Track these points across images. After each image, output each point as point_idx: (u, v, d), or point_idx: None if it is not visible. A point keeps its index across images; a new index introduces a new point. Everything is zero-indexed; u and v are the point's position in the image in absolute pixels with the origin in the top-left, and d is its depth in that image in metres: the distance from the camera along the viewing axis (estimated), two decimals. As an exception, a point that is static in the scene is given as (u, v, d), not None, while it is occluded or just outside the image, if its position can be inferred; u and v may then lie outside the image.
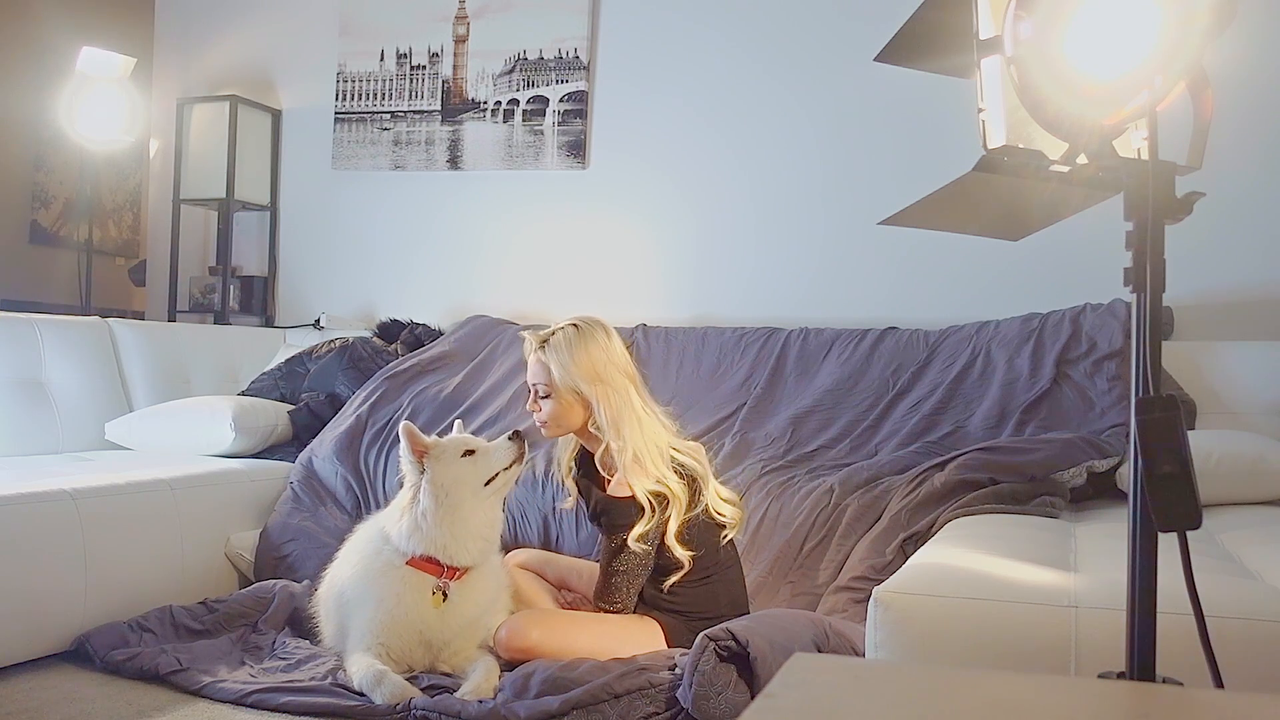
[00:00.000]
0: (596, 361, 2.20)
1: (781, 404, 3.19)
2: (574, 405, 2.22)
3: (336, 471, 3.13)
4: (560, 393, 2.21)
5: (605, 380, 2.19)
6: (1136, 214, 1.03)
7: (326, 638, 2.36)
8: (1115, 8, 1.00)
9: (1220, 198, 1.70)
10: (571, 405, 2.22)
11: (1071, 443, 2.58)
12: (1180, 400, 2.78)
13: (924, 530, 2.35)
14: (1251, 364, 2.97)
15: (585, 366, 2.19)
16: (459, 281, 4.12)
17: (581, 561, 2.60)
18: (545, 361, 2.23)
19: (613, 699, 1.97)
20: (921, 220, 1.26)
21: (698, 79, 3.83)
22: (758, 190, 3.76)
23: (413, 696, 2.02)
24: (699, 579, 2.27)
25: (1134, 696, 0.88)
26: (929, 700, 0.80)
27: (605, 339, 2.24)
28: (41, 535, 2.31)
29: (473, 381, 3.48)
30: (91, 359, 3.42)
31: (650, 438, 2.20)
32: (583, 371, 2.19)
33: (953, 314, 3.38)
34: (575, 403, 2.22)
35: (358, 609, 2.23)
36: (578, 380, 2.19)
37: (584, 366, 2.19)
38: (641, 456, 2.17)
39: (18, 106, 4.01)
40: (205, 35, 4.53)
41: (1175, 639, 1.09)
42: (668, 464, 2.21)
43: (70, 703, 2.07)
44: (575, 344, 2.21)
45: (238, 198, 4.22)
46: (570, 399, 2.22)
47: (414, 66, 4.21)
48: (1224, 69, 1.21)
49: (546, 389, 2.23)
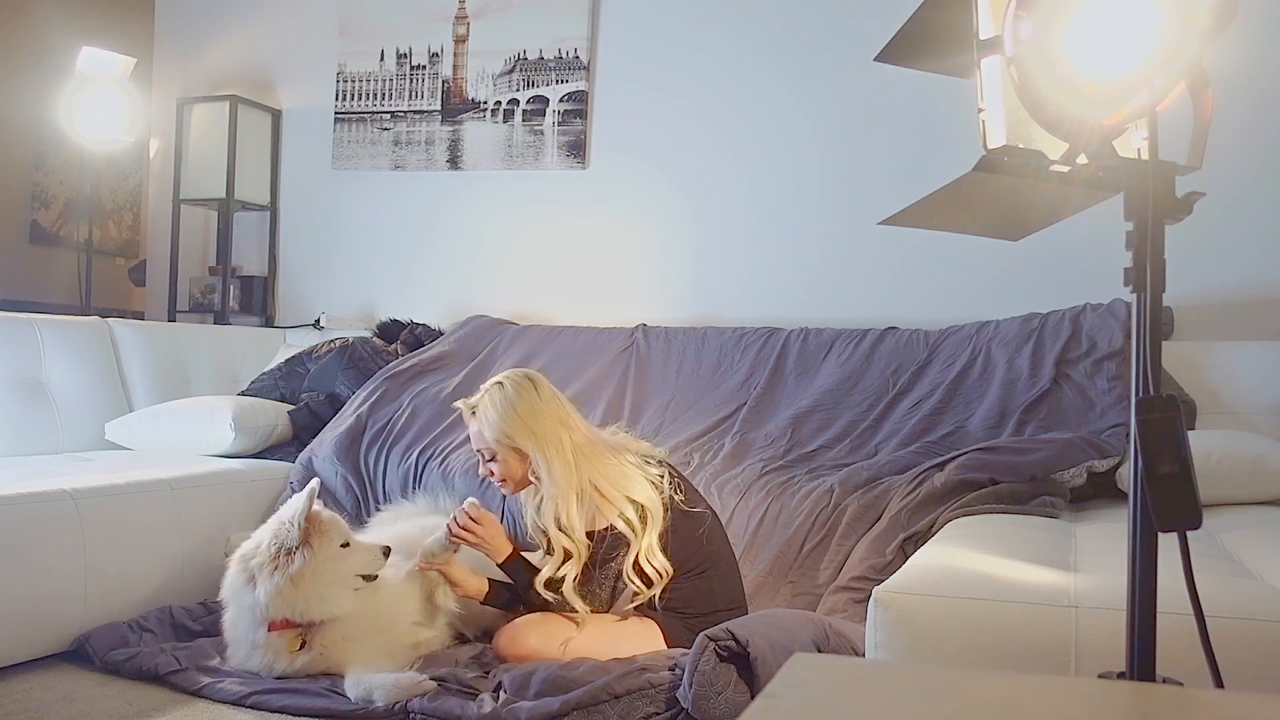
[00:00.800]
0: (525, 416, 2.23)
1: (781, 404, 3.19)
2: (514, 460, 2.26)
3: (336, 471, 3.13)
4: (499, 452, 2.26)
5: (537, 433, 2.22)
6: (1136, 214, 1.03)
7: None
8: (1115, 8, 1.00)
9: (1220, 198, 1.70)
10: (513, 462, 2.26)
11: (1071, 443, 2.58)
12: (1180, 400, 2.78)
13: (924, 530, 2.35)
14: (1251, 364, 2.97)
15: (514, 424, 2.23)
16: (459, 281, 4.12)
17: None
18: (478, 425, 2.28)
19: (613, 699, 1.97)
20: (921, 220, 1.26)
21: (698, 79, 3.83)
22: (758, 190, 3.76)
23: (413, 694, 2.02)
24: (692, 573, 2.28)
25: (1134, 696, 0.88)
26: (929, 700, 0.80)
27: (532, 391, 2.27)
28: (41, 535, 2.31)
29: (473, 381, 3.46)
30: (91, 359, 3.42)
31: (611, 464, 2.24)
32: (513, 429, 2.23)
33: (953, 314, 3.38)
34: (514, 458, 2.26)
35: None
36: (511, 437, 2.23)
37: (513, 424, 2.23)
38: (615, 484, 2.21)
39: (18, 106, 4.01)
40: (205, 35, 4.53)
41: (1175, 639, 1.09)
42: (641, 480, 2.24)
43: (70, 703, 2.07)
44: (500, 405, 2.25)
45: (238, 198, 4.22)
46: (510, 456, 2.26)
47: (414, 66, 4.21)
48: (1224, 69, 1.21)
49: (489, 451, 2.28)
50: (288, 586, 2.14)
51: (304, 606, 2.15)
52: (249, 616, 2.20)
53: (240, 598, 2.20)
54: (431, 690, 2.05)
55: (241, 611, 2.22)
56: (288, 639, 2.18)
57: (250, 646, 2.21)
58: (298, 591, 2.15)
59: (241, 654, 2.23)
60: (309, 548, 2.17)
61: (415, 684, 2.04)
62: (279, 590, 2.14)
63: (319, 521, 2.22)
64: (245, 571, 2.20)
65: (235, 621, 2.25)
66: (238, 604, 2.22)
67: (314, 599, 2.16)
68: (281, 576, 2.14)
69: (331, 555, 2.20)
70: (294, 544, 2.16)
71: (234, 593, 2.22)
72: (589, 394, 3.35)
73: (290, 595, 2.14)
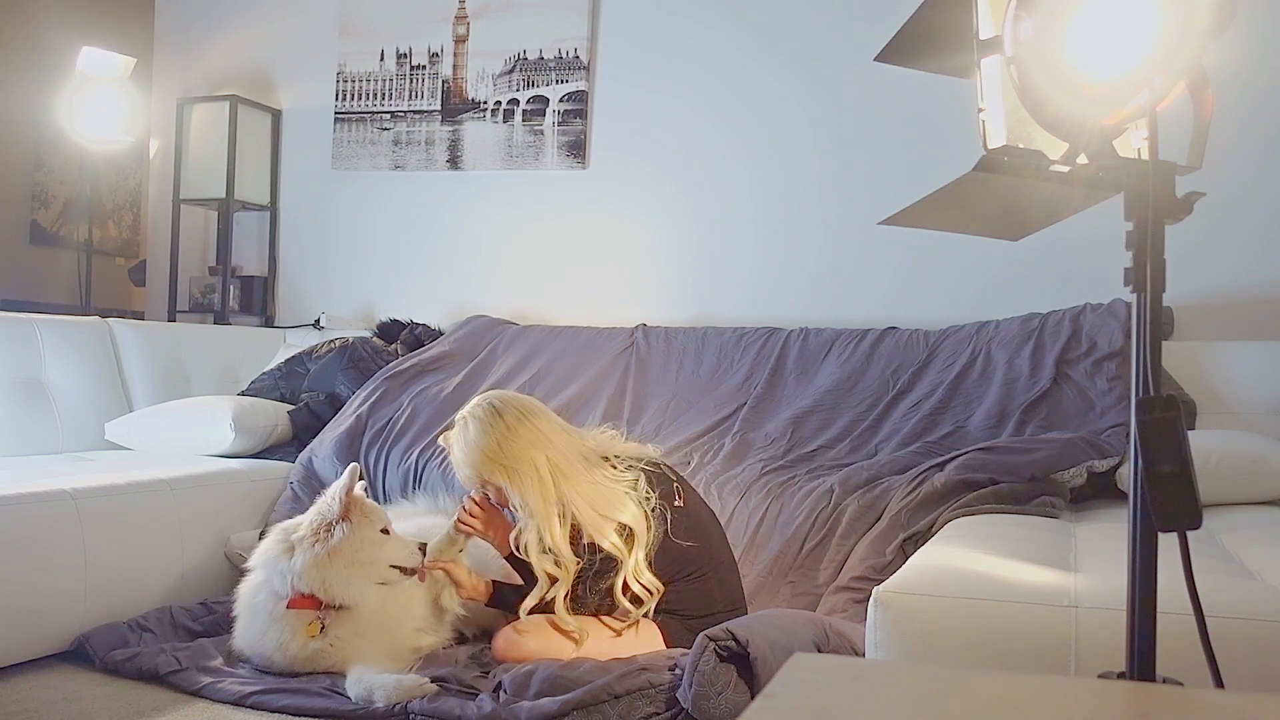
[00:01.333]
0: (489, 452, 2.18)
1: (781, 404, 3.19)
2: (496, 492, 2.24)
3: (336, 471, 3.12)
4: (477, 486, 2.26)
5: (505, 464, 2.17)
6: (1136, 214, 1.03)
7: None
8: (1115, 8, 1.00)
9: (1220, 198, 1.70)
10: (494, 493, 2.25)
11: (1071, 443, 2.58)
12: (1180, 400, 2.78)
13: (924, 530, 2.35)
14: (1251, 364, 2.97)
15: (480, 459, 2.19)
16: (459, 281, 4.12)
17: None
18: (455, 465, 2.28)
19: (613, 699, 1.97)
20: (921, 220, 1.26)
21: (698, 79, 3.83)
22: (758, 190, 3.76)
23: (414, 696, 2.02)
24: (690, 577, 2.28)
25: (1134, 696, 0.88)
26: (929, 700, 0.80)
27: (497, 422, 2.20)
28: (41, 535, 2.31)
29: (473, 381, 3.48)
30: (91, 359, 3.42)
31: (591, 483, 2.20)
32: (480, 465, 2.20)
33: (953, 314, 3.38)
34: (494, 490, 2.24)
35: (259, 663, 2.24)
36: (480, 473, 2.21)
37: (479, 460, 2.20)
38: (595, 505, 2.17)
39: (18, 106, 4.01)
40: (205, 35, 4.53)
41: (1175, 639, 1.09)
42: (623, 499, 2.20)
43: (70, 703, 2.07)
44: (465, 444, 2.21)
45: (238, 198, 4.22)
46: (488, 489, 2.25)
47: (414, 66, 4.21)
48: (1224, 69, 1.21)
49: (479, 492, 2.28)
50: (325, 558, 2.16)
51: (334, 583, 2.17)
52: (273, 587, 2.20)
53: (273, 564, 2.20)
54: (432, 692, 2.05)
55: (269, 579, 2.21)
56: (305, 620, 2.18)
57: (267, 621, 2.20)
58: (332, 565, 2.17)
59: (255, 630, 2.21)
60: (349, 524, 2.20)
61: (417, 686, 2.04)
62: (316, 559, 2.16)
63: (361, 503, 2.25)
64: (285, 541, 2.22)
65: (256, 590, 2.24)
66: (267, 570, 2.21)
67: (344, 578, 2.18)
68: (322, 548, 2.17)
69: (370, 538, 2.22)
70: (335, 518, 2.19)
71: (267, 560, 2.22)
72: (589, 394, 3.35)
73: (325, 567, 2.16)
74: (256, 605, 2.24)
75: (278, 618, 2.20)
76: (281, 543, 2.23)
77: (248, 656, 2.27)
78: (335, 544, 2.18)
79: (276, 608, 2.20)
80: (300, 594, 2.18)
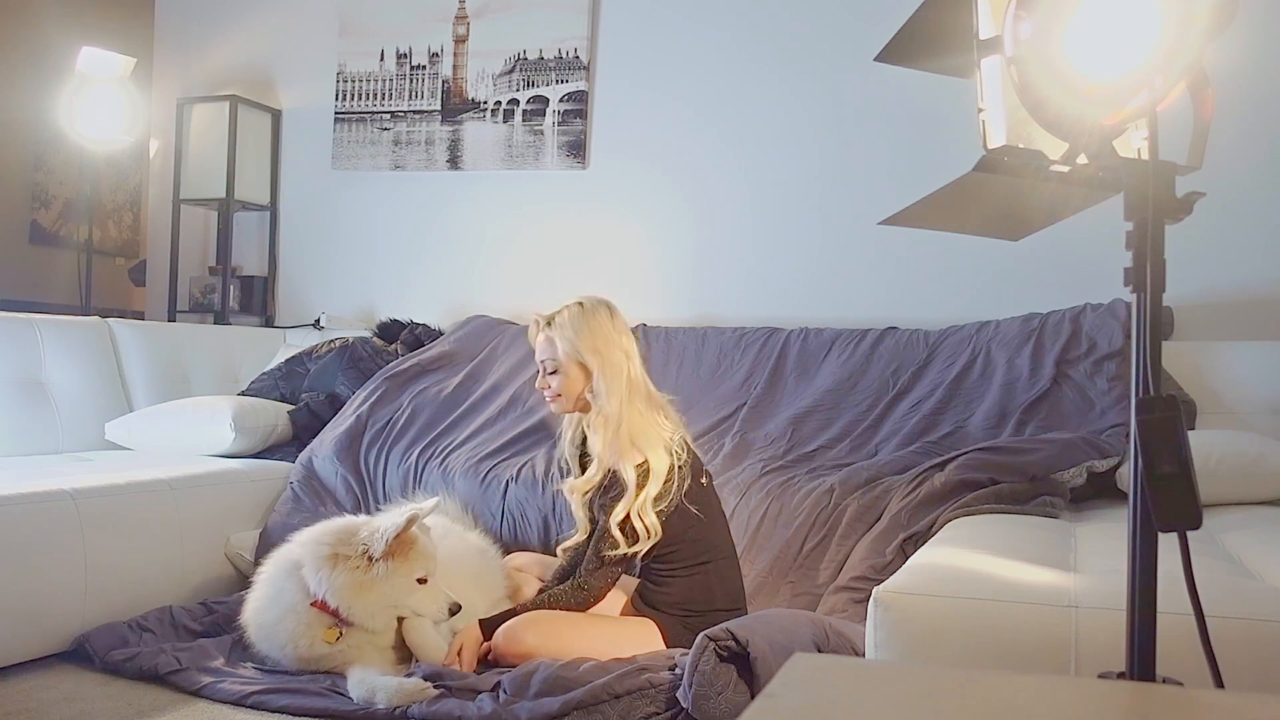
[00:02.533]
0: (597, 336, 2.32)
1: (781, 404, 3.19)
2: (577, 377, 2.33)
3: (336, 471, 3.13)
4: (564, 365, 2.32)
5: (603, 354, 2.30)
6: (1136, 214, 1.03)
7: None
8: (1115, 8, 1.00)
9: (1220, 198, 1.70)
10: (575, 377, 2.33)
11: (1071, 443, 2.58)
12: (1180, 400, 2.78)
13: (924, 530, 2.35)
14: (1251, 364, 2.97)
15: (586, 340, 2.31)
16: (459, 281, 4.12)
17: None
18: (551, 337, 2.35)
19: (613, 699, 1.97)
20: (921, 220, 1.26)
21: (698, 79, 3.83)
22: (758, 190, 3.76)
23: (414, 700, 2.02)
24: (690, 566, 2.29)
25: (1134, 696, 0.88)
26: (929, 700, 0.80)
27: (608, 316, 2.36)
28: (41, 535, 2.31)
29: (473, 382, 3.48)
30: (91, 359, 3.42)
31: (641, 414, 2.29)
32: (584, 344, 2.30)
33: (953, 314, 3.38)
34: (579, 374, 2.32)
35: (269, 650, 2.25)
36: (580, 352, 2.30)
37: (585, 340, 2.31)
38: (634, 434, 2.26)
39: (18, 106, 4.01)
40: (205, 35, 4.53)
41: (1175, 639, 1.09)
42: (659, 442, 2.27)
43: (70, 703, 2.07)
44: (578, 319, 2.33)
45: (238, 198, 4.22)
46: (574, 371, 2.32)
47: (414, 66, 4.21)
48: (1224, 69, 1.21)
49: (553, 364, 2.34)
50: (357, 586, 2.16)
51: (358, 610, 2.18)
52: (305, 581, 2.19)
53: (316, 563, 2.19)
54: (432, 696, 2.04)
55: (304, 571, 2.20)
56: (325, 622, 2.19)
57: (288, 607, 2.20)
58: (361, 596, 2.17)
59: (273, 612, 2.22)
60: (389, 563, 2.18)
61: (419, 690, 2.03)
62: (351, 583, 2.16)
63: (409, 546, 2.21)
64: (339, 544, 2.20)
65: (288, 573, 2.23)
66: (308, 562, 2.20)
67: (370, 612, 2.19)
68: (360, 575, 2.17)
69: (404, 586, 2.20)
70: (378, 555, 2.18)
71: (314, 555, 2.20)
72: (589, 394, 3.35)
73: (355, 593, 2.17)
74: (283, 589, 2.23)
75: (300, 610, 2.20)
76: (336, 542, 2.21)
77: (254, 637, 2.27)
78: (371, 578, 2.17)
79: (302, 601, 2.20)
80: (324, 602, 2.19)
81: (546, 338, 2.36)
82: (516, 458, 3.02)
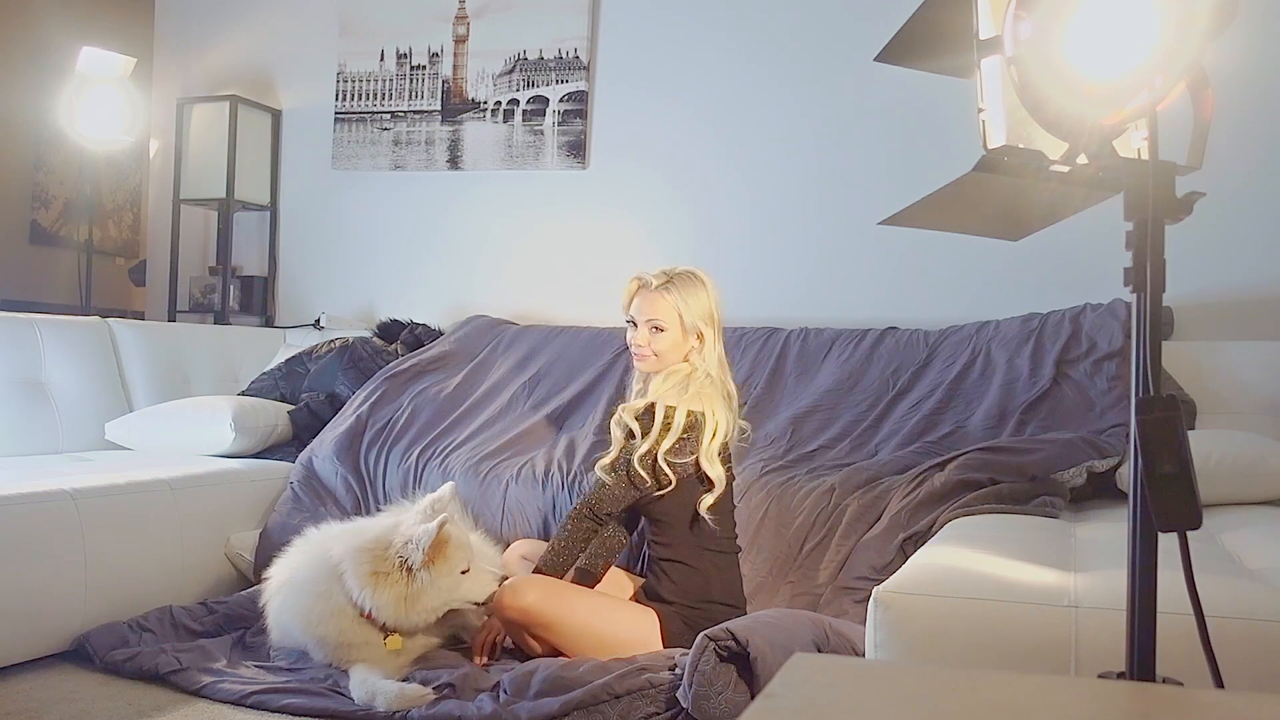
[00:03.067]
0: (714, 304, 2.41)
1: (781, 404, 3.19)
2: (681, 341, 2.38)
3: (336, 471, 3.13)
4: (676, 327, 2.37)
5: (715, 324, 2.40)
6: (1136, 214, 1.03)
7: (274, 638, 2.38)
8: (1115, 8, 1.00)
9: (1220, 198, 1.70)
10: (679, 341, 2.38)
11: (1071, 443, 2.58)
12: (1180, 400, 2.78)
13: (924, 530, 2.35)
14: (1251, 364, 2.97)
15: (706, 308, 2.39)
16: (459, 281, 4.12)
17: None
18: (670, 299, 2.38)
19: (613, 699, 1.97)
20: (921, 220, 1.26)
21: (698, 79, 3.83)
22: (758, 190, 3.76)
23: (414, 705, 2.01)
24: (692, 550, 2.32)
25: (1134, 696, 0.88)
26: (929, 700, 0.80)
27: (714, 289, 2.44)
28: (41, 535, 2.31)
29: (473, 382, 3.48)
30: (91, 359, 3.42)
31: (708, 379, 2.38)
32: (703, 312, 2.38)
33: (953, 314, 3.38)
34: (683, 339, 2.38)
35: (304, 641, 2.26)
36: (698, 319, 2.37)
37: (705, 307, 2.38)
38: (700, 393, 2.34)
39: (18, 106, 4.01)
40: (205, 35, 4.53)
41: (1175, 639, 1.09)
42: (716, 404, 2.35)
43: (70, 703, 2.07)
44: (699, 288, 2.39)
45: (238, 198, 4.22)
46: (680, 336, 2.38)
47: (414, 66, 4.21)
48: (1224, 69, 1.21)
49: (663, 324, 2.37)
50: (405, 603, 2.18)
51: (408, 622, 2.20)
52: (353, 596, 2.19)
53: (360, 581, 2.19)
54: (431, 699, 2.04)
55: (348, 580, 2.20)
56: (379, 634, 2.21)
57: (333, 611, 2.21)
58: (410, 610, 2.19)
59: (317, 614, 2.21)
60: (430, 570, 2.19)
61: (418, 695, 2.04)
62: (397, 600, 2.17)
63: (445, 545, 2.22)
64: (372, 564, 2.19)
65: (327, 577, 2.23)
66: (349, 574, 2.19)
67: (421, 619, 2.21)
68: (403, 588, 2.18)
69: (449, 584, 2.22)
70: (417, 566, 2.18)
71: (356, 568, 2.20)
72: (589, 394, 3.35)
73: (402, 611, 2.18)
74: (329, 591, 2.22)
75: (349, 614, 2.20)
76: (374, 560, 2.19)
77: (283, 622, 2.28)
78: (417, 590, 2.18)
79: (349, 608, 2.20)
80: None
81: (664, 298, 2.37)
82: (516, 458, 3.02)
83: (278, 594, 2.34)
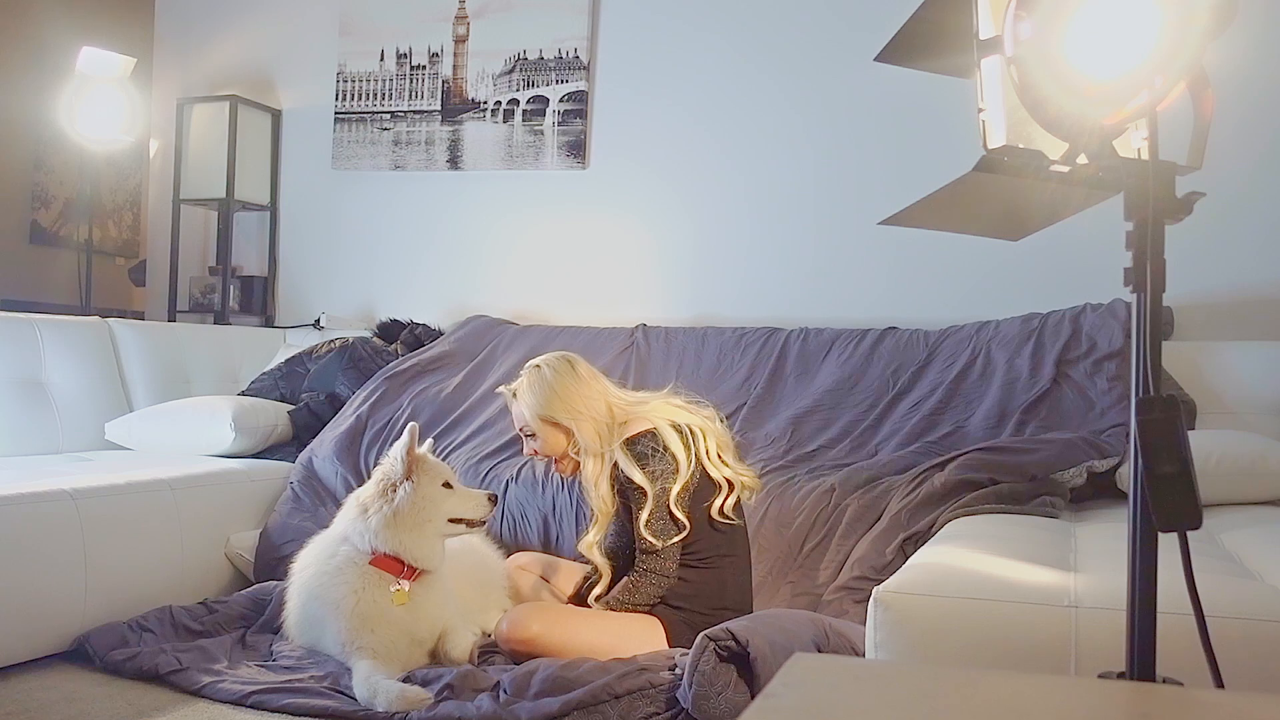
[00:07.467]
0: (564, 393, 2.35)
1: (781, 404, 3.19)
2: (555, 435, 2.37)
3: (336, 471, 3.13)
4: (538, 428, 2.37)
5: (575, 407, 2.34)
6: (1136, 214, 1.03)
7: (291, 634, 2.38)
8: (1115, 8, 1.00)
9: (1220, 198, 1.70)
10: (553, 437, 2.37)
11: (1071, 443, 2.58)
12: (1180, 400, 2.78)
13: (924, 530, 2.35)
14: (1251, 364, 2.97)
15: (553, 401, 2.34)
16: (459, 281, 4.12)
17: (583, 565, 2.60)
18: (518, 407, 2.40)
19: (613, 699, 1.97)
20: (921, 220, 1.26)
21: (698, 80, 3.83)
22: (757, 190, 3.76)
23: (414, 707, 2.01)
24: (705, 559, 2.29)
25: (1134, 696, 0.88)
26: (929, 700, 0.80)
27: (569, 371, 2.39)
28: (41, 535, 2.31)
29: (473, 382, 3.48)
30: (91, 359, 3.42)
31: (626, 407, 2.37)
32: (551, 406, 2.34)
33: (953, 314, 3.38)
34: (555, 433, 2.36)
35: (322, 613, 2.26)
36: (550, 414, 2.34)
37: (551, 402, 2.34)
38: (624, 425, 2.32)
39: (18, 106, 4.01)
40: (205, 35, 4.53)
41: (1175, 639, 1.09)
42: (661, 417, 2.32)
43: (70, 703, 2.07)
44: (538, 384, 2.37)
45: (238, 198, 4.22)
46: (548, 432, 2.37)
47: (414, 66, 4.21)
48: (1224, 69, 1.21)
49: (530, 429, 2.39)
50: (391, 518, 2.22)
51: (409, 543, 2.23)
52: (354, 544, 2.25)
53: (351, 524, 2.26)
54: (430, 702, 2.04)
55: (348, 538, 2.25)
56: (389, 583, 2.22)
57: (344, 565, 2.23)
58: (404, 529, 2.22)
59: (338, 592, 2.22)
60: (412, 483, 2.25)
61: (419, 698, 2.04)
62: (387, 520, 2.22)
63: (422, 461, 2.29)
64: (359, 505, 2.28)
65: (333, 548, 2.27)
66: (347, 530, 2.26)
67: (415, 539, 2.23)
68: (388, 508, 2.22)
69: (432, 494, 2.27)
70: (398, 478, 2.25)
71: (346, 521, 2.29)
72: (589, 394, 3.34)
73: (398, 532, 2.22)
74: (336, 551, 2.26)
75: (359, 563, 2.23)
76: (355, 506, 2.29)
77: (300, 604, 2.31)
78: (399, 504, 2.23)
79: (360, 562, 2.23)
80: (382, 554, 2.22)
81: (516, 407, 2.41)
82: (516, 458, 3.02)
83: (295, 579, 2.36)
